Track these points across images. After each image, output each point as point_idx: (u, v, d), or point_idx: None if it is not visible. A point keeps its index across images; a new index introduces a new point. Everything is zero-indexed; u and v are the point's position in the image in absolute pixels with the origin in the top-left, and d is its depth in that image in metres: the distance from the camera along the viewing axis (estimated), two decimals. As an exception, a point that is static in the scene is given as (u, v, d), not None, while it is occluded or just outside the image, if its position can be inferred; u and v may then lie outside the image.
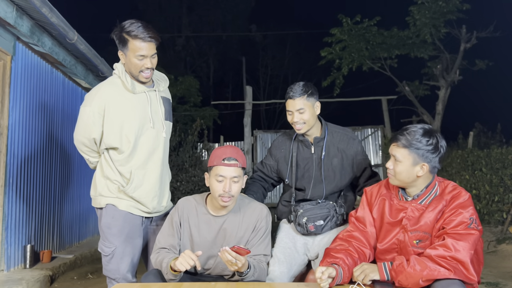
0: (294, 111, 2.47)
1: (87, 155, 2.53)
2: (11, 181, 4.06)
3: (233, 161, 2.14)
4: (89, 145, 2.46)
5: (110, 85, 2.44)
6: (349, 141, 2.57)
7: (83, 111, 2.40)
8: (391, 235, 2.07)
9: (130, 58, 2.37)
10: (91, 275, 4.54)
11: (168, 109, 2.58)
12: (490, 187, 6.40)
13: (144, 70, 2.38)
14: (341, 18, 10.78)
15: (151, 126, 2.44)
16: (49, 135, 4.86)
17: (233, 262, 1.93)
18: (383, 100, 11.68)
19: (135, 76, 2.42)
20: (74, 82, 5.61)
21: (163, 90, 2.58)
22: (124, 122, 2.37)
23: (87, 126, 2.40)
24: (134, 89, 2.41)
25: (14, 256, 4.10)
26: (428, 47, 10.61)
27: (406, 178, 2.00)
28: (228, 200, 2.15)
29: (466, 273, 1.81)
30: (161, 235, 2.27)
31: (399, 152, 1.99)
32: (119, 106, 2.38)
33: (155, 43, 2.38)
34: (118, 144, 2.39)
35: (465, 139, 9.68)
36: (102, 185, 2.45)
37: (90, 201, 2.59)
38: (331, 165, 2.54)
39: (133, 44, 2.33)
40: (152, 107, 2.47)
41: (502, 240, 5.57)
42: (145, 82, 2.45)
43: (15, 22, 3.79)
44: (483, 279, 4.14)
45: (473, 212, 1.94)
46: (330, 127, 2.62)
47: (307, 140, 2.57)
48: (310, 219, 2.47)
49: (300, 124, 2.48)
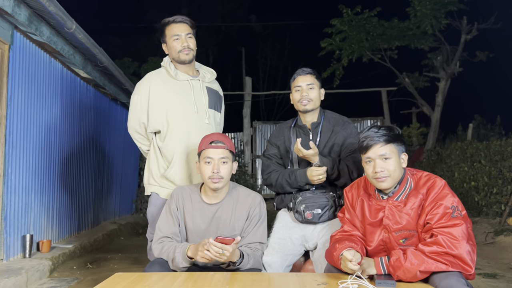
0: (304, 85, 2.54)
1: (140, 143, 2.77)
2: (9, 171, 4.05)
3: (220, 144, 2.21)
4: (140, 130, 2.69)
5: (155, 73, 2.70)
6: (344, 124, 2.63)
7: (133, 99, 2.68)
8: (376, 237, 2.06)
9: (169, 43, 2.64)
10: (91, 265, 4.56)
11: (214, 100, 2.75)
12: (489, 179, 6.41)
13: (182, 49, 2.60)
14: (341, 9, 10.72)
15: (195, 111, 2.62)
16: (47, 125, 4.84)
17: (221, 252, 1.96)
18: (383, 91, 11.66)
19: (176, 59, 2.64)
20: (73, 72, 5.58)
21: (208, 81, 2.76)
22: (167, 106, 2.59)
23: (136, 112, 2.66)
24: (177, 76, 2.64)
25: (14, 245, 4.11)
26: (428, 39, 10.57)
27: (399, 174, 1.99)
28: (218, 181, 2.18)
29: (463, 265, 1.82)
30: (161, 223, 2.28)
31: (387, 149, 1.97)
32: (163, 91, 2.61)
33: (188, 24, 2.63)
34: (161, 127, 2.60)
35: (465, 131, 9.68)
36: (148, 173, 2.68)
37: (89, 191, 2.64)
38: (327, 148, 2.57)
39: (168, 30, 2.63)
40: (195, 94, 2.65)
41: (500, 232, 5.59)
42: (187, 61, 2.64)
43: (13, 11, 3.75)
44: (480, 270, 4.17)
45: (453, 198, 1.92)
46: (327, 113, 2.69)
47: (305, 126, 2.60)
48: (308, 207, 2.48)
49: (307, 99, 2.53)
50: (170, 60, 2.69)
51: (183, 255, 2.09)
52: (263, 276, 2.13)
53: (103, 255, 5.09)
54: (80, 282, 3.88)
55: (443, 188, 1.95)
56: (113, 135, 7.26)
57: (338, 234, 2.16)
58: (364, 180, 2.17)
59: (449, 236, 1.83)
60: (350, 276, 1.87)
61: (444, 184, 1.97)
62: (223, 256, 1.98)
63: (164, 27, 2.64)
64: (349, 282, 1.82)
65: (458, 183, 7.02)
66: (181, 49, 2.60)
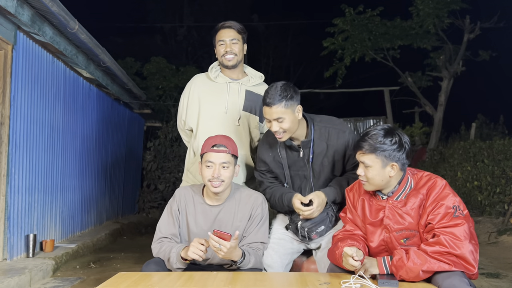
0: (272, 120, 2.25)
1: (184, 140, 2.97)
2: (13, 171, 4.06)
3: (222, 148, 2.19)
4: (182, 127, 2.89)
5: (199, 76, 2.88)
6: (338, 135, 2.39)
7: (180, 99, 2.89)
8: (376, 237, 2.06)
9: (216, 48, 2.75)
10: (94, 264, 4.57)
11: (253, 103, 2.77)
12: (492, 178, 6.40)
13: (225, 54, 2.70)
14: (343, 8, 10.71)
15: (224, 112, 2.70)
16: (50, 125, 4.86)
17: (217, 246, 1.96)
18: (385, 91, 11.65)
19: (221, 63, 2.76)
20: (76, 72, 5.59)
21: (252, 85, 2.81)
22: (200, 107, 2.74)
23: (179, 110, 2.87)
24: (217, 79, 2.75)
25: (17, 245, 4.12)
26: (431, 38, 10.55)
27: (380, 182, 1.98)
28: (219, 185, 2.18)
29: (465, 264, 1.82)
30: (161, 224, 2.29)
31: (367, 158, 1.96)
32: (200, 92, 2.76)
33: (235, 29, 2.72)
34: (193, 125, 2.78)
35: (468, 130, 9.65)
36: (184, 172, 2.87)
37: (92, 191, 2.66)
38: (323, 166, 2.42)
39: (217, 35, 2.75)
40: (230, 96, 2.72)
41: (503, 231, 5.58)
42: (230, 66, 2.73)
43: (16, 11, 3.76)
44: (483, 269, 4.16)
45: (454, 198, 1.91)
46: (317, 124, 2.40)
47: (294, 146, 2.40)
48: (311, 228, 2.37)
49: (280, 133, 2.28)
50: (217, 64, 2.82)
51: (177, 256, 2.10)
52: (266, 275, 2.14)
53: (106, 255, 5.10)
54: (83, 282, 3.89)
55: (444, 188, 1.94)
56: (116, 135, 7.28)
57: (340, 233, 2.16)
58: None
59: (451, 236, 1.83)
60: (352, 275, 1.87)
61: (445, 184, 1.96)
62: (221, 251, 1.98)
63: (215, 32, 2.76)
64: (351, 281, 1.82)
65: (461, 183, 7.01)
66: (223, 54, 2.70)
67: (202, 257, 2.04)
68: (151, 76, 11.73)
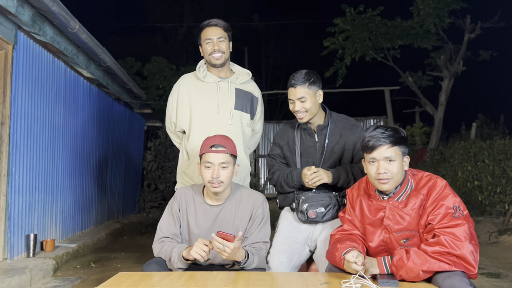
0: (296, 99, 2.47)
1: (174, 141, 2.92)
2: (13, 171, 4.07)
3: (221, 148, 2.19)
4: (172, 129, 2.84)
5: (187, 76, 2.83)
6: (352, 128, 2.56)
7: (168, 100, 2.84)
8: (376, 237, 2.06)
9: (202, 46, 2.71)
10: (94, 264, 4.57)
11: (243, 101, 2.77)
12: (493, 178, 6.40)
13: (213, 52, 2.66)
14: (344, 8, 10.71)
15: (216, 111, 2.67)
16: (51, 125, 4.86)
17: (221, 248, 1.95)
18: (386, 90, 11.64)
19: (208, 62, 2.72)
20: (76, 72, 5.59)
21: (240, 83, 2.80)
22: (191, 108, 2.70)
23: (168, 112, 2.82)
24: (205, 78, 2.72)
25: (17, 245, 4.12)
26: (431, 38, 10.55)
27: (401, 176, 1.98)
28: (218, 186, 2.18)
29: (466, 265, 1.82)
30: (163, 224, 2.29)
31: (390, 151, 1.95)
32: (190, 93, 2.72)
33: (221, 27, 2.70)
34: (185, 126, 2.74)
35: (468, 130, 9.65)
36: (177, 171, 2.83)
37: (92, 191, 2.66)
38: (333, 152, 2.54)
39: (202, 34, 2.70)
40: (221, 96, 2.70)
41: (504, 231, 5.58)
42: (218, 65, 2.70)
43: (16, 11, 3.77)
44: (484, 269, 4.16)
45: (454, 198, 1.92)
46: (334, 116, 2.61)
47: (310, 128, 2.56)
48: (311, 205, 2.47)
49: (302, 113, 2.47)
50: (204, 63, 2.78)
51: (179, 256, 2.10)
52: (267, 275, 2.14)
53: (107, 255, 5.10)
54: (84, 281, 3.89)
55: (444, 188, 1.94)
56: (116, 135, 7.28)
57: (338, 233, 2.16)
58: (365, 180, 2.16)
59: (451, 236, 1.83)
60: (353, 275, 1.87)
61: (445, 184, 1.96)
62: (225, 252, 1.98)
63: (200, 30, 2.72)
64: (352, 281, 1.82)
65: (462, 183, 7.01)
66: (211, 52, 2.67)
67: (205, 258, 2.04)
68: (151, 76, 11.73)
